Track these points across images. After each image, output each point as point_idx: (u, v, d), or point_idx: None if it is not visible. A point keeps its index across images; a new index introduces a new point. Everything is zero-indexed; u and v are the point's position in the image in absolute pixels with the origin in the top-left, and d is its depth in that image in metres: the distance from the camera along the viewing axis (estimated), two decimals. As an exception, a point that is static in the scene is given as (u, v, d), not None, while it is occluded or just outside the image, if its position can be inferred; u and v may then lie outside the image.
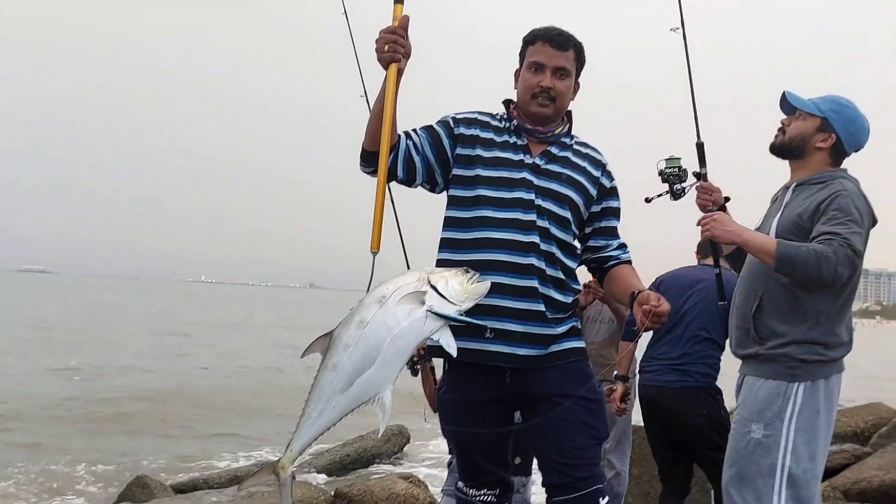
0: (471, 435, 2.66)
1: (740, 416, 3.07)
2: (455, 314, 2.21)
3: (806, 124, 3.11)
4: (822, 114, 3.09)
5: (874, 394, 14.46)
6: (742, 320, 3.12)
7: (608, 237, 2.78)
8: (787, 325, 2.99)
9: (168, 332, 30.10)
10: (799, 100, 3.13)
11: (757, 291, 3.06)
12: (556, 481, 2.58)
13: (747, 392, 3.06)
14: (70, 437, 10.76)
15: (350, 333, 2.17)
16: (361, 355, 2.15)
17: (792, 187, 3.14)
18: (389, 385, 2.18)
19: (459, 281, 2.24)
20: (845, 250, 2.74)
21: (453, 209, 2.69)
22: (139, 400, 13.66)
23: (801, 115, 3.11)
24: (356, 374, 2.14)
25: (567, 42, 2.69)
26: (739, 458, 3.02)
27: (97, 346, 23.57)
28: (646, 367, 4.49)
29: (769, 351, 2.99)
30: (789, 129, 3.14)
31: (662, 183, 3.50)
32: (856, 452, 6.94)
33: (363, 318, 2.17)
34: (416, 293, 2.19)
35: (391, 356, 2.16)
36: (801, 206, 3.02)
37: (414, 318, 2.17)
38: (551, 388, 2.59)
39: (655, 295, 2.46)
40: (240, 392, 15.49)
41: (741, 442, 3.03)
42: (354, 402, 2.17)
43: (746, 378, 3.10)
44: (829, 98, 3.14)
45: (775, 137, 3.19)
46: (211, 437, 11.17)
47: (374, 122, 2.55)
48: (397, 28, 2.47)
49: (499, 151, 2.68)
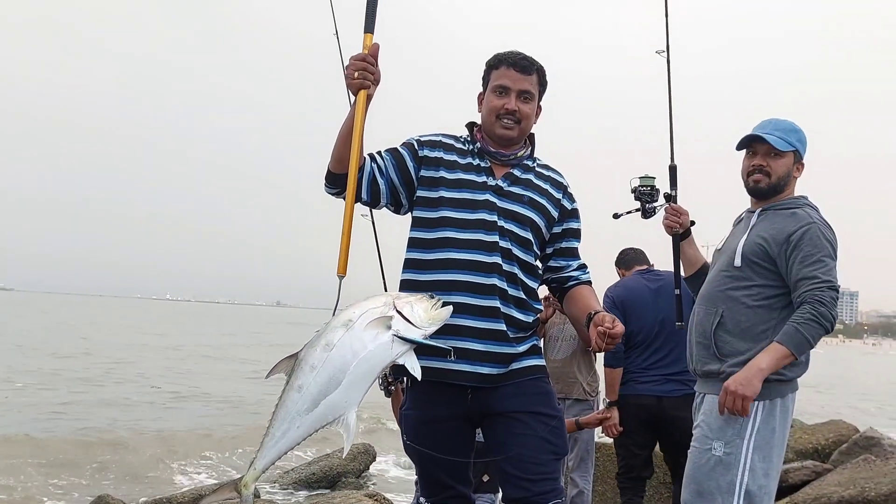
0: (432, 450, 2.68)
1: (701, 434, 3.12)
2: (420, 339, 2.26)
3: (786, 162, 3.17)
4: (793, 147, 3.16)
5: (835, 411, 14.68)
6: (702, 336, 3.17)
7: (569, 258, 2.84)
8: (747, 343, 3.07)
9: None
10: (781, 142, 3.14)
11: (718, 308, 3.13)
12: (516, 496, 2.61)
13: (709, 411, 3.10)
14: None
15: (316, 355, 2.19)
16: (327, 377, 2.18)
17: (758, 212, 3.21)
18: (354, 407, 2.21)
19: (424, 307, 2.29)
20: (830, 293, 2.94)
21: (417, 230, 2.72)
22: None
23: (777, 153, 3.15)
24: (321, 396, 2.17)
25: (531, 66, 2.74)
26: (699, 475, 3.07)
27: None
28: (639, 378, 4.63)
29: (731, 369, 3.05)
30: (774, 172, 3.15)
31: (634, 200, 3.54)
32: (816, 469, 7.05)
33: (330, 341, 2.20)
34: (382, 318, 2.23)
35: (357, 379, 2.19)
36: (767, 230, 3.11)
37: (380, 342, 2.21)
38: (511, 405, 2.63)
39: (610, 316, 2.50)
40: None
41: (701, 459, 3.08)
42: (318, 423, 2.19)
43: (707, 397, 3.14)
44: (789, 128, 3.19)
45: (757, 181, 3.17)
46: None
47: (341, 146, 2.58)
48: (367, 56, 2.52)
49: (462, 173, 2.71)
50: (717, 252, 3.37)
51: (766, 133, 3.14)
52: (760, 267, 3.10)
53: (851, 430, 8.27)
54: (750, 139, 3.19)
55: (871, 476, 6.17)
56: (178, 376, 21.24)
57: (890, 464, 6.36)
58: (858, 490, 5.95)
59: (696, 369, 3.23)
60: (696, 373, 3.24)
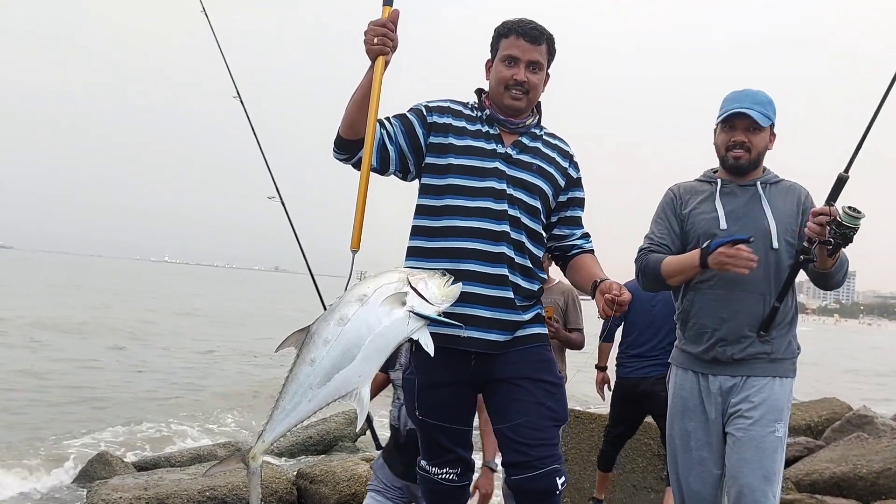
0: (434, 415, 2.72)
1: (760, 418, 3.00)
2: (434, 315, 2.28)
3: (765, 136, 3.14)
4: (771, 121, 3.13)
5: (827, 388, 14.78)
6: (751, 324, 3.05)
7: (573, 226, 2.85)
8: (787, 325, 3.10)
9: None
10: (762, 117, 3.08)
11: (766, 295, 3.06)
12: (515, 460, 2.64)
13: (764, 393, 3.02)
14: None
15: (330, 330, 2.20)
16: (341, 351, 2.18)
17: (759, 186, 3.15)
18: (368, 381, 2.23)
19: (437, 283, 2.31)
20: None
21: (425, 197, 2.72)
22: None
23: (758, 128, 3.10)
24: (334, 370, 2.18)
25: (540, 36, 2.72)
26: (765, 459, 2.99)
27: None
28: (625, 363, 5.34)
29: (780, 350, 3.06)
30: (754, 147, 3.11)
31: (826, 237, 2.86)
32: (809, 445, 7.14)
33: (344, 316, 2.20)
34: (397, 294, 2.24)
35: (371, 353, 2.20)
36: (785, 207, 3.13)
37: (395, 318, 2.22)
38: (513, 371, 2.66)
39: (617, 284, 2.52)
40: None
41: (765, 442, 2.99)
42: (331, 397, 2.21)
43: (751, 379, 3.04)
44: (766, 100, 3.12)
45: (738, 157, 3.11)
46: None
47: (354, 111, 2.57)
48: (387, 21, 2.50)
49: (471, 140, 2.71)
50: (705, 225, 3.15)
51: (747, 108, 3.06)
52: (791, 246, 3.08)
53: (845, 407, 8.36)
54: (734, 114, 3.09)
55: (862, 454, 6.22)
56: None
57: (882, 441, 6.41)
58: (850, 467, 6.00)
59: (734, 355, 3.06)
60: (733, 357, 3.06)
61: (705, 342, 3.10)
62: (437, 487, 2.79)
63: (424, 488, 2.86)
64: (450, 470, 2.77)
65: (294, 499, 5.93)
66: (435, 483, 2.78)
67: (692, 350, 3.15)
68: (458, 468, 2.77)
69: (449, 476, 2.77)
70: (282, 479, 5.98)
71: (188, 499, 5.43)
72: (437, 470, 2.77)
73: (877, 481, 5.83)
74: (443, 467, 2.77)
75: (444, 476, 2.76)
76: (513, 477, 2.66)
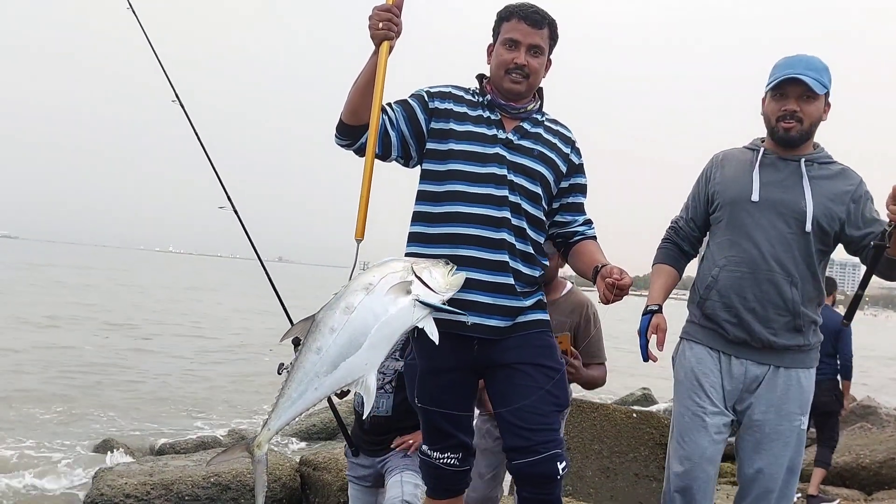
0: (435, 400, 2.73)
1: (788, 411, 2.95)
2: (439, 303, 2.29)
3: (819, 105, 2.91)
4: (826, 89, 2.90)
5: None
6: (780, 305, 2.92)
7: (575, 213, 2.84)
8: (813, 313, 2.97)
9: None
10: (818, 84, 2.85)
11: (794, 276, 2.91)
12: (516, 444, 2.64)
13: (793, 385, 2.95)
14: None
15: (336, 318, 2.20)
16: (348, 340, 2.19)
17: (803, 164, 2.95)
18: (374, 369, 2.23)
19: (441, 272, 2.32)
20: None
21: (426, 183, 2.71)
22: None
23: (811, 96, 2.88)
24: (341, 358, 2.19)
25: (542, 20, 2.71)
26: (791, 452, 2.96)
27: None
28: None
29: (810, 340, 2.96)
30: (807, 117, 2.88)
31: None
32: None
33: (350, 304, 2.21)
34: (402, 283, 2.25)
35: (378, 342, 2.21)
36: (829, 192, 2.91)
37: (401, 307, 2.23)
38: (515, 356, 2.66)
39: (618, 268, 2.50)
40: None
41: (792, 435, 2.95)
42: (337, 385, 2.22)
43: (782, 370, 2.95)
44: (821, 66, 2.89)
45: (788, 128, 2.89)
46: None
47: (357, 97, 2.56)
48: (392, 6, 2.50)
49: (472, 126, 2.70)
50: (739, 198, 2.98)
51: (800, 74, 2.83)
52: (826, 234, 2.91)
53: (849, 398, 8.35)
54: (786, 80, 2.86)
55: (866, 443, 6.24)
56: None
57: (886, 432, 6.44)
58: (854, 456, 6.03)
59: (766, 341, 2.93)
60: (765, 344, 2.93)
61: (731, 322, 2.95)
62: (439, 472, 2.80)
63: (426, 473, 2.87)
64: (451, 455, 2.77)
65: (297, 485, 5.97)
66: (437, 468, 2.80)
67: (714, 328, 3.00)
68: (459, 453, 2.78)
69: (450, 461, 2.77)
70: (285, 465, 6.02)
71: (193, 485, 5.48)
72: (438, 455, 2.78)
73: (880, 471, 5.85)
74: (444, 452, 2.78)
75: (445, 461, 2.77)
76: (514, 461, 2.66)
